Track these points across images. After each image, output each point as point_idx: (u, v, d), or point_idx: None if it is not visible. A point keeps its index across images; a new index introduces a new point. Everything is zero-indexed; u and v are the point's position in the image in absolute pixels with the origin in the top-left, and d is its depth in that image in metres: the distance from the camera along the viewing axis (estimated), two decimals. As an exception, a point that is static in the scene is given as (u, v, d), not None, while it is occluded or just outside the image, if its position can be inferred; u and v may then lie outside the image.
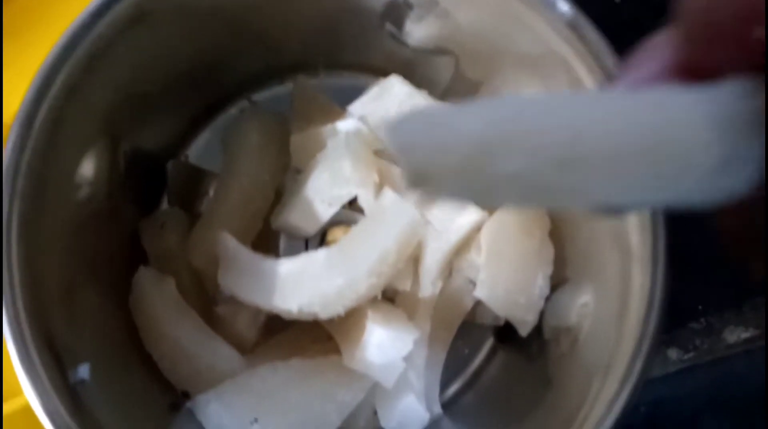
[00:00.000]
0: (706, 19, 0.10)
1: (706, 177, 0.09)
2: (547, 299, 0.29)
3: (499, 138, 0.09)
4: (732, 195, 0.10)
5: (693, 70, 0.11)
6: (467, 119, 0.10)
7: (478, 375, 0.34)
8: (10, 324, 0.20)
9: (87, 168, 0.26)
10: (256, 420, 0.27)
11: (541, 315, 0.30)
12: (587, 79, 0.24)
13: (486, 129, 0.09)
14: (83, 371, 0.23)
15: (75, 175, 0.25)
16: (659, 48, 0.12)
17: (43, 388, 0.20)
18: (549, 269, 0.29)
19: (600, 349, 0.25)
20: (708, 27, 0.10)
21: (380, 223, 0.27)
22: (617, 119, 0.09)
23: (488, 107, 0.10)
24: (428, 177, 0.09)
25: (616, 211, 0.10)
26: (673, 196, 0.10)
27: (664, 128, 0.09)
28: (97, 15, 0.25)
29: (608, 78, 0.18)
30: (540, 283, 0.29)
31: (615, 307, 0.25)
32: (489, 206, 0.29)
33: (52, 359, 0.21)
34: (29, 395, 0.19)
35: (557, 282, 0.29)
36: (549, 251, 0.30)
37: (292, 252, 0.34)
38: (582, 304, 0.27)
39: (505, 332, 0.33)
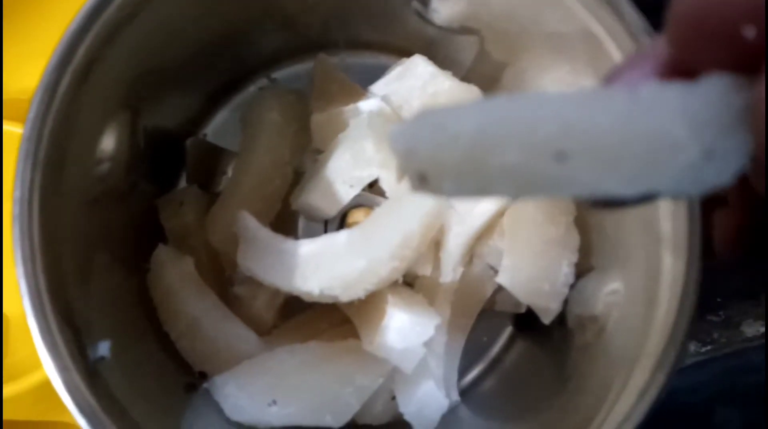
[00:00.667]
0: (695, 21, 0.10)
1: (688, 169, 0.10)
2: (572, 287, 0.29)
3: (494, 133, 0.10)
4: (716, 186, 0.10)
5: (683, 70, 0.11)
6: (462, 118, 0.10)
7: (497, 363, 0.34)
8: (31, 297, 0.19)
9: (107, 142, 0.26)
10: (274, 402, 0.26)
11: (565, 303, 0.29)
12: (619, 59, 0.24)
13: (481, 126, 0.10)
14: (103, 348, 0.22)
15: (96, 148, 0.24)
16: (651, 50, 0.12)
17: (64, 365, 0.19)
18: (574, 257, 0.29)
19: (627, 338, 0.25)
20: (696, 29, 0.10)
21: (404, 206, 0.27)
22: (602, 113, 0.10)
23: (482, 106, 0.10)
24: (429, 177, 0.10)
25: (607, 202, 0.11)
26: (658, 187, 0.10)
27: (645, 122, 0.10)
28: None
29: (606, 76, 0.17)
30: (565, 271, 0.28)
31: (643, 295, 0.24)
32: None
33: (72, 335, 0.21)
34: (50, 371, 0.19)
35: (582, 270, 0.29)
36: (574, 238, 0.29)
37: (311, 233, 0.33)
38: (609, 292, 0.26)
39: (525, 320, 0.32)
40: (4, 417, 0.34)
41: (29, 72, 0.39)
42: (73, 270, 0.23)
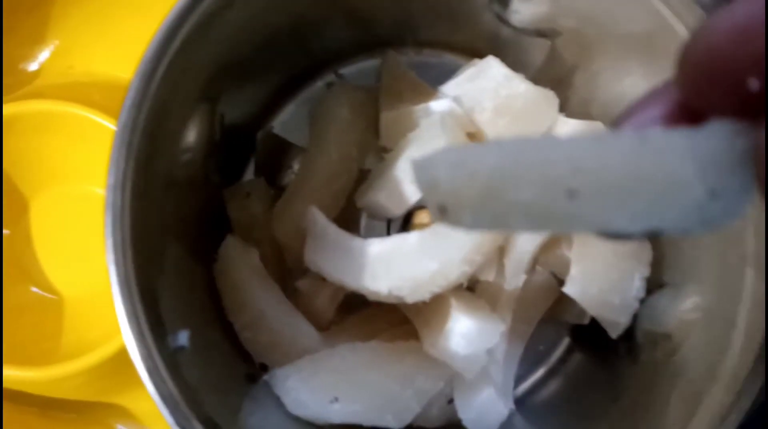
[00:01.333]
0: (704, 69, 0.11)
1: (694, 208, 0.10)
2: (641, 302, 0.28)
3: (509, 172, 0.11)
4: (721, 224, 0.11)
5: (692, 115, 0.12)
6: (481, 156, 0.11)
7: (553, 373, 0.33)
8: (120, 285, 0.20)
9: (191, 133, 0.26)
10: (336, 399, 0.26)
11: (633, 318, 0.28)
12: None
13: (498, 164, 0.11)
14: (183, 338, 0.23)
15: (181, 138, 0.25)
16: (660, 94, 0.13)
17: (149, 353, 0.20)
18: (646, 271, 0.28)
19: (699, 359, 0.24)
20: (705, 76, 0.11)
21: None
22: (611, 154, 0.10)
23: (500, 146, 0.11)
24: (449, 209, 0.11)
25: (618, 236, 0.11)
26: (665, 224, 0.11)
27: (652, 163, 0.10)
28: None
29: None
30: (636, 285, 0.28)
31: (720, 316, 0.24)
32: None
33: (156, 322, 0.21)
34: (135, 358, 0.19)
35: (653, 285, 0.28)
36: (647, 252, 0.28)
37: (373, 232, 0.33)
38: (686, 310, 0.26)
39: (583, 331, 0.32)
40: (57, 395, 0.34)
41: (95, 55, 0.40)
42: (154, 258, 0.24)
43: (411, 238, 0.27)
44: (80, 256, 0.37)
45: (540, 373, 0.33)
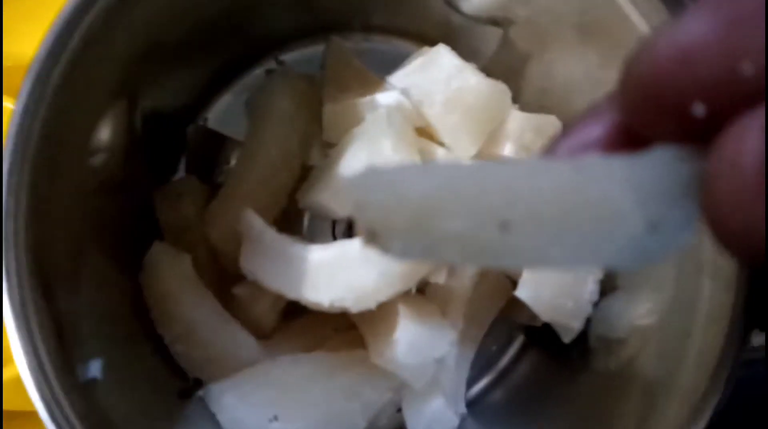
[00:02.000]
0: (647, 92, 0.10)
1: (632, 241, 0.10)
2: (595, 305, 0.27)
3: (440, 200, 0.10)
4: (665, 257, 0.10)
5: (633, 138, 0.11)
6: (411, 181, 0.10)
7: (506, 374, 0.32)
8: (15, 314, 0.17)
9: (103, 132, 0.23)
10: (275, 417, 0.25)
11: (587, 321, 0.27)
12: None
13: (428, 191, 0.10)
14: (95, 368, 0.20)
15: (90, 139, 0.22)
16: (600, 113, 0.12)
17: (51, 393, 0.17)
18: (600, 273, 0.27)
19: (654, 369, 0.24)
20: (648, 99, 0.10)
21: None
22: (546, 184, 0.10)
23: (431, 170, 0.10)
24: (378, 235, 0.10)
25: (559, 268, 0.11)
26: (601, 259, 0.10)
27: (588, 193, 0.10)
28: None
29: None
30: (590, 288, 0.27)
31: (676, 325, 0.23)
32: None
33: (61, 352, 0.19)
34: (32, 395, 0.17)
35: (606, 288, 0.27)
36: (600, 253, 0.27)
37: (317, 231, 0.31)
38: (639, 316, 0.25)
39: (538, 331, 0.31)
40: None
41: (24, 36, 0.36)
42: (63, 273, 0.21)
43: (354, 245, 0.25)
44: None
45: (493, 374, 0.33)
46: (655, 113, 0.10)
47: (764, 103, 0.09)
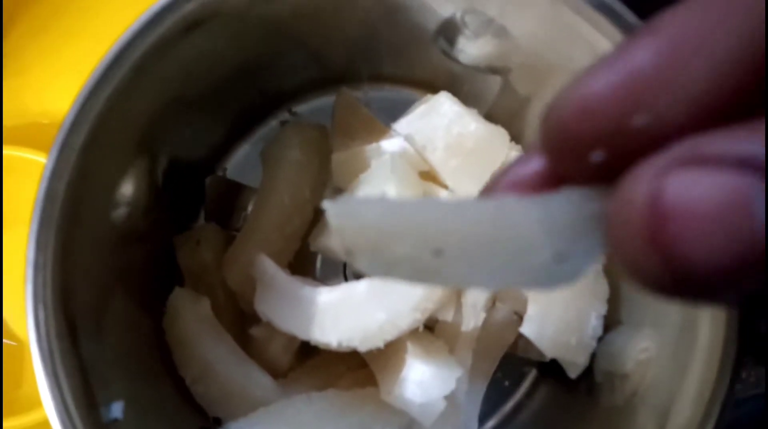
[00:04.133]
0: (555, 139, 0.11)
1: (542, 269, 0.11)
2: (599, 340, 0.28)
3: (391, 227, 0.11)
4: (569, 283, 0.12)
5: (558, 179, 0.12)
6: (370, 210, 0.12)
7: (518, 410, 0.33)
8: (44, 364, 0.19)
9: (126, 188, 0.25)
10: (289, 455, 0.26)
11: (592, 356, 0.28)
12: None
13: (381, 220, 0.11)
14: (116, 410, 0.22)
15: (113, 195, 0.24)
16: (533, 155, 0.13)
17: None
18: (603, 308, 0.27)
19: (654, 404, 0.24)
20: (557, 145, 0.11)
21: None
22: (472, 219, 0.11)
23: (387, 203, 0.12)
24: (353, 254, 0.12)
25: (484, 288, 0.13)
26: (517, 283, 0.12)
27: (506, 228, 0.11)
28: (149, 26, 0.24)
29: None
30: (593, 323, 0.27)
31: (674, 361, 0.23)
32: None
33: (85, 394, 0.20)
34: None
35: (610, 323, 0.28)
36: (603, 288, 0.28)
37: (330, 273, 0.33)
38: (640, 350, 0.25)
39: (550, 366, 0.31)
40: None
41: (53, 95, 0.40)
42: (88, 320, 0.23)
43: (360, 286, 0.26)
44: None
45: (506, 409, 0.33)
46: (566, 158, 0.11)
47: (655, 153, 0.10)
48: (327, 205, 0.12)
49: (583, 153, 0.11)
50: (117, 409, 0.22)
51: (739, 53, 0.10)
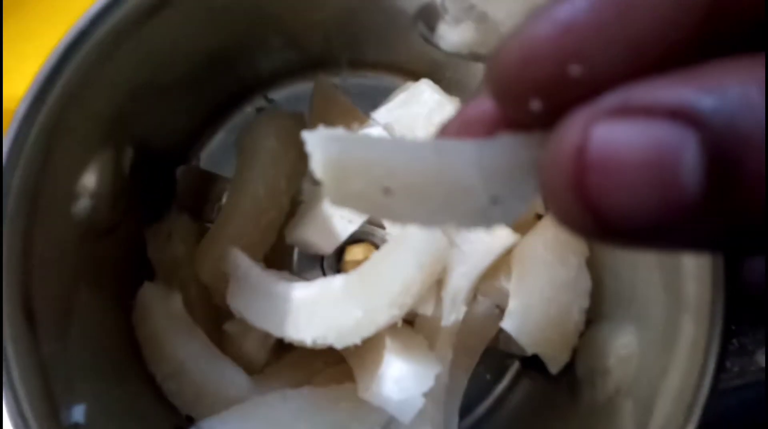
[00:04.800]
0: (499, 85, 0.11)
1: (478, 211, 0.12)
2: (581, 335, 0.27)
3: (349, 162, 0.12)
4: (506, 224, 0.12)
5: (506, 120, 0.13)
6: (336, 144, 0.12)
7: (500, 403, 0.32)
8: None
9: (89, 178, 0.24)
10: (263, 455, 0.25)
11: (574, 351, 0.27)
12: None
13: (342, 154, 0.12)
14: (78, 413, 0.21)
15: (75, 186, 0.23)
16: (483, 98, 0.13)
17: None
18: (585, 302, 0.27)
19: (635, 402, 0.23)
20: (500, 90, 0.11)
21: (403, 250, 0.25)
22: (417, 160, 0.12)
23: (350, 139, 0.12)
24: (323, 185, 0.12)
25: (427, 226, 0.13)
26: (457, 222, 0.12)
27: (445, 171, 0.12)
28: (110, 7, 0.23)
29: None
30: (575, 318, 0.27)
31: (656, 359, 0.23)
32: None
33: (44, 397, 0.19)
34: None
35: (591, 318, 0.27)
36: (586, 282, 0.27)
37: (307, 266, 0.32)
38: (622, 345, 0.25)
39: (532, 359, 0.31)
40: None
41: (21, 77, 0.38)
42: (50, 320, 0.22)
43: (336, 283, 0.25)
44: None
45: (488, 403, 0.32)
46: (508, 104, 0.12)
47: (589, 103, 0.10)
48: (305, 134, 0.12)
49: (524, 100, 0.11)
50: (79, 413, 0.21)
51: None
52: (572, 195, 0.09)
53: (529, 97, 0.11)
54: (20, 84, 0.38)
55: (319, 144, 0.12)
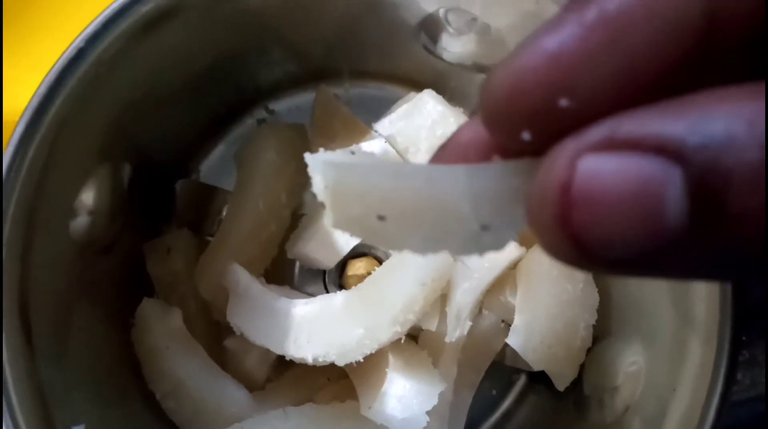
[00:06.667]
0: (490, 114, 0.11)
1: (469, 238, 0.12)
2: (588, 351, 0.26)
3: (346, 188, 0.12)
4: (497, 250, 0.12)
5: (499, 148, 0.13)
6: (333, 169, 0.12)
7: (506, 419, 0.32)
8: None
9: (87, 194, 0.24)
10: (264, 474, 0.24)
11: (581, 367, 0.27)
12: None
13: (339, 180, 0.12)
14: (76, 432, 0.20)
15: (72, 205, 0.23)
16: (477, 121, 0.13)
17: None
18: (592, 318, 0.26)
19: (645, 419, 0.23)
20: (492, 120, 0.11)
21: (405, 267, 0.25)
22: (410, 189, 0.12)
23: (345, 165, 0.12)
24: (324, 208, 0.12)
25: (421, 253, 0.12)
26: (450, 249, 0.12)
27: (437, 198, 0.12)
28: (108, 24, 0.23)
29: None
30: (582, 334, 0.26)
31: (664, 378, 0.22)
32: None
33: (43, 418, 0.19)
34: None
35: (598, 334, 0.27)
36: (593, 297, 0.27)
37: (308, 281, 0.31)
38: (630, 363, 0.24)
39: (539, 374, 0.30)
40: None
41: (22, 89, 0.38)
42: (48, 340, 0.21)
43: (337, 300, 0.25)
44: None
45: (494, 419, 0.32)
46: (500, 132, 0.11)
47: (576, 134, 0.10)
48: (307, 157, 0.12)
49: (514, 130, 0.11)
50: (76, 432, 0.20)
51: (681, 18, 0.09)
52: (558, 228, 0.10)
53: (521, 126, 0.11)
54: (20, 95, 0.38)
55: (319, 168, 0.12)
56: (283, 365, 0.29)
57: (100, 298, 0.26)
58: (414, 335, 0.29)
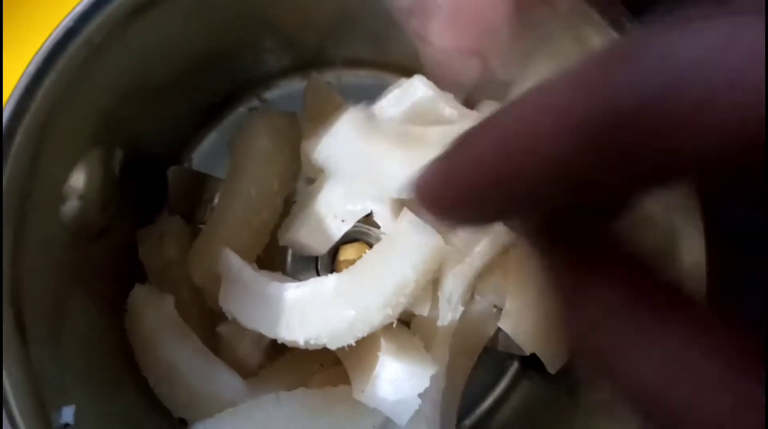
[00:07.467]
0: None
1: None
2: (580, 334, 0.27)
3: None
4: None
5: None
6: None
7: (500, 404, 0.32)
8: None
9: (78, 180, 0.24)
10: (257, 458, 0.24)
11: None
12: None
13: None
14: (67, 415, 0.20)
15: (64, 188, 0.23)
16: None
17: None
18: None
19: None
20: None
21: (397, 249, 0.25)
22: None
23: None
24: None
25: None
26: None
27: None
28: (97, 5, 0.23)
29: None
30: (573, 317, 0.26)
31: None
32: None
33: (35, 401, 0.19)
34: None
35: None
36: (584, 280, 0.27)
37: (301, 267, 0.31)
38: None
39: (532, 359, 0.30)
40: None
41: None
42: (41, 325, 0.22)
43: (328, 282, 0.25)
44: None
45: (486, 405, 0.32)
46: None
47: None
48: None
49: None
50: (68, 414, 0.20)
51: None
52: None
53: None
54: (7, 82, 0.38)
55: None
56: (276, 351, 0.30)
57: (93, 285, 0.26)
58: (406, 321, 0.29)
